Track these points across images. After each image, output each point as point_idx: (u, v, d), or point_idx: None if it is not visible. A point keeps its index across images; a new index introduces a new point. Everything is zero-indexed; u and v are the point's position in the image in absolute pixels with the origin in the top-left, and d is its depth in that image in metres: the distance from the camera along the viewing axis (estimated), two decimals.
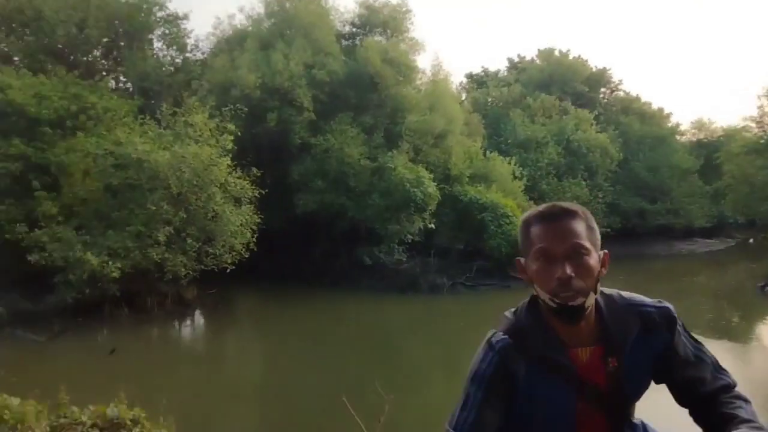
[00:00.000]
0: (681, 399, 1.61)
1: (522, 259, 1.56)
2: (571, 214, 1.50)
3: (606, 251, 1.53)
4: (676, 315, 1.58)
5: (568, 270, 1.44)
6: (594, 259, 1.47)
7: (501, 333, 1.58)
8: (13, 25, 19.40)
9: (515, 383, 1.54)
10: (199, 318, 14.94)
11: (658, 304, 1.58)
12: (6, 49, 19.21)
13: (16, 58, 19.07)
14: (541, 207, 1.55)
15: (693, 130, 38.90)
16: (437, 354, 12.53)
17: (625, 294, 1.60)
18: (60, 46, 19.13)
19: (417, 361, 11.81)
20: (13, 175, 14.07)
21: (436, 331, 14.54)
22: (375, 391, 4.92)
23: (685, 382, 1.59)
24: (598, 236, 1.53)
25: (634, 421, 1.65)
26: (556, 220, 1.49)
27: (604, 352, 1.54)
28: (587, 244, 1.47)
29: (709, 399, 1.58)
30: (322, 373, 10.79)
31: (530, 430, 1.59)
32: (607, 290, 1.58)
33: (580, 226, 1.48)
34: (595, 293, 1.49)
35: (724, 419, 1.51)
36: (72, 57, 19.58)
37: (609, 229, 26.57)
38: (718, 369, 1.60)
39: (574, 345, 1.54)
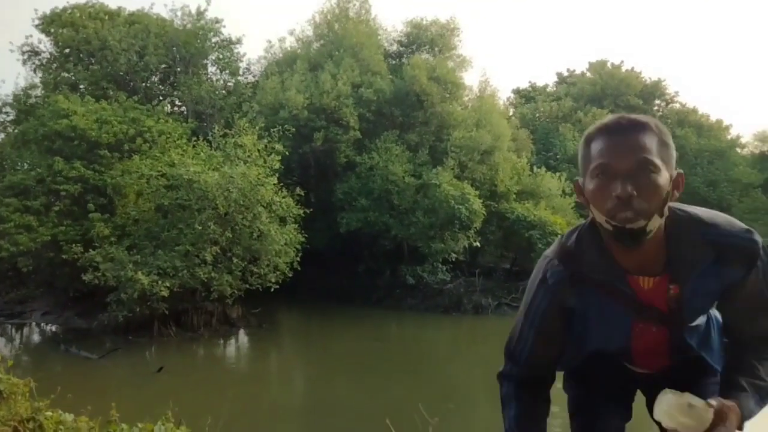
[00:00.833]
0: (726, 332, 1.54)
1: (580, 179, 1.41)
2: (641, 127, 1.32)
3: (681, 171, 1.36)
4: (761, 250, 1.38)
5: (629, 187, 1.27)
6: (663, 178, 1.30)
7: (556, 262, 1.48)
8: (81, 55, 20.64)
9: (570, 315, 1.49)
10: (243, 337, 15.19)
11: (742, 235, 1.37)
12: (73, 78, 20.43)
13: (81, 86, 20.23)
14: (606, 119, 1.37)
15: (756, 142, 36.93)
16: (482, 377, 12.22)
17: (705, 216, 1.40)
18: (122, 73, 20.15)
19: (462, 383, 11.59)
20: (72, 196, 14.86)
21: (480, 353, 14.23)
22: (419, 413, 4.84)
23: (735, 319, 1.48)
24: (673, 153, 1.35)
25: (703, 320, 1.52)
26: (622, 133, 1.31)
27: (669, 281, 1.41)
28: (656, 161, 1.29)
29: (738, 346, 1.50)
30: (365, 394, 10.75)
31: (584, 344, 1.55)
32: (682, 209, 1.41)
33: (650, 140, 1.30)
34: (661, 216, 1.32)
35: (726, 374, 1.46)
36: (132, 83, 20.60)
37: None
38: None
39: (636, 272, 1.41)
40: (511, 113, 31.33)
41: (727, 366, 1.50)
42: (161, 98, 21.58)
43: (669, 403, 1.33)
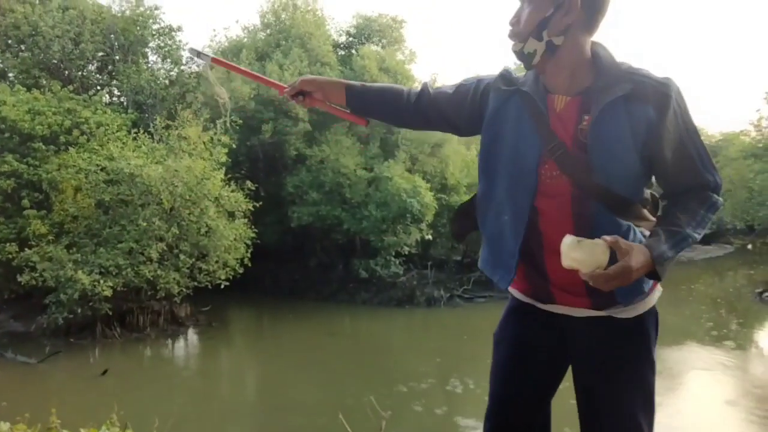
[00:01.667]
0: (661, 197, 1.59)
1: None
2: None
3: None
4: (674, 95, 1.42)
5: (514, 17, 1.51)
6: (540, 4, 1.44)
7: (506, 71, 1.68)
8: (9, 41, 19.38)
9: (483, 111, 1.69)
10: (192, 336, 14.77)
11: (658, 78, 1.44)
12: (1, 65, 19.20)
13: (10, 75, 19.05)
14: None
15: None
16: (435, 369, 12.38)
17: (637, 66, 1.50)
18: (55, 61, 19.06)
19: (415, 376, 11.68)
20: (5, 192, 13.99)
21: (433, 345, 14.40)
22: (372, 407, 4.82)
23: (662, 177, 1.51)
24: None
25: (622, 222, 1.50)
26: None
27: (581, 106, 1.49)
28: None
29: (666, 203, 1.53)
30: (319, 389, 10.69)
31: (496, 169, 1.69)
32: (620, 61, 1.52)
33: None
34: (540, 39, 1.46)
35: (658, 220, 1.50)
36: (67, 72, 19.52)
37: None
38: (701, 166, 1.47)
39: (555, 91, 1.53)
40: None
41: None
42: (99, 88, 20.55)
43: (563, 244, 1.36)
